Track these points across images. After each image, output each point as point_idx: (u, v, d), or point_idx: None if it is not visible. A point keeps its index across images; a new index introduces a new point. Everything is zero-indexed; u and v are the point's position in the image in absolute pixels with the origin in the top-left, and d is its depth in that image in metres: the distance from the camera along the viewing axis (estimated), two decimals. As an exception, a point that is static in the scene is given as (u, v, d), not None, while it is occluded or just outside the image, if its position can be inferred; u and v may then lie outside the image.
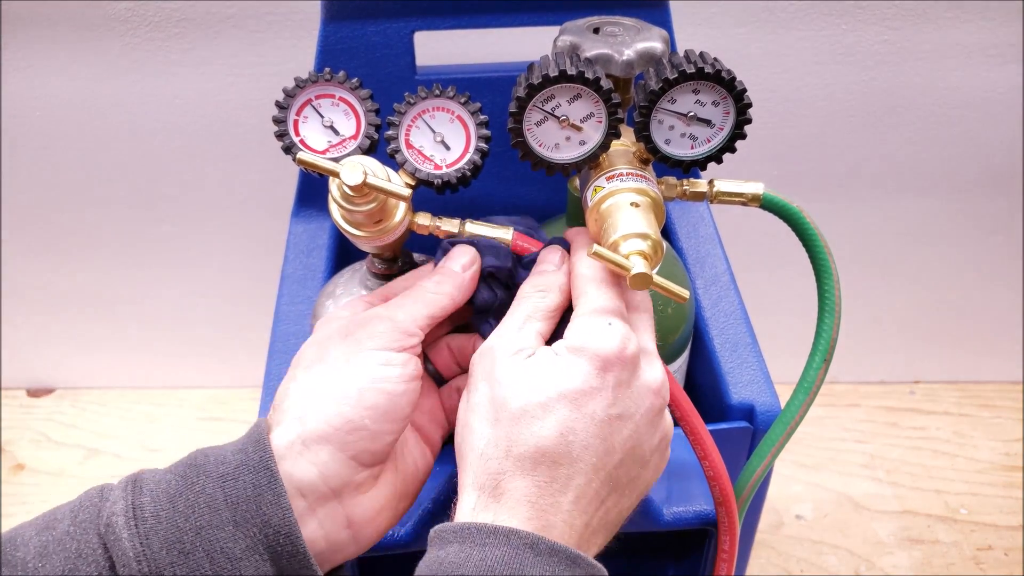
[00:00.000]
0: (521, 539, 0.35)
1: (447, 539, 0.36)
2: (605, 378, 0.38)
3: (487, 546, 0.35)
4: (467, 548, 0.35)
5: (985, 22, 0.81)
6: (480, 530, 0.36)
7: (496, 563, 0.34)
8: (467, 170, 0.45)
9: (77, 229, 0.94)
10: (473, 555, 0.35)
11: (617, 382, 0.38)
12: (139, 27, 0.80)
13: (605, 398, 0.38)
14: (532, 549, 0.35)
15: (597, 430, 0.38)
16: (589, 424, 0.37)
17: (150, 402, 1.07)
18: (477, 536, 0.36)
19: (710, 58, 0.42)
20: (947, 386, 1.08)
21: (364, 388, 0.39)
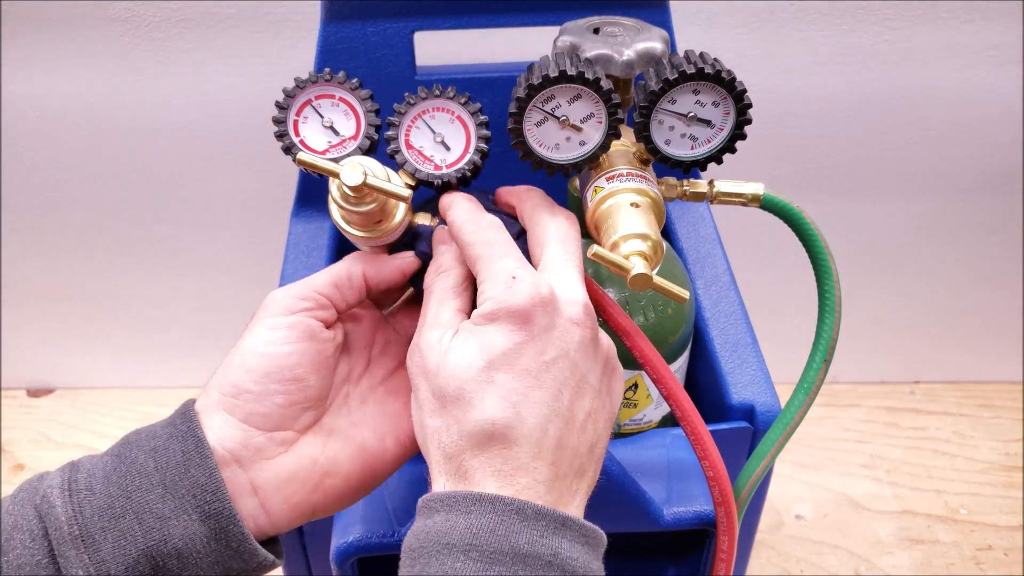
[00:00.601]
0: (507, 505, 0.35)
1: (434, 508, 0.36)
2: (529, 330, 0.37)
3: (472, 513, 0.35)
4: (453, 516, 0.35)
5: (985, 22, 0.81)
6: (466, 497, 0.36)
7: (482, 530, 0.35)
8: (467, 170, 0.45)
9: (77, 229, 0.94)
10: (459, 523, 0.35)
11: (541, 330, 0.38)
12: (139, 27, 0.80)
13: (533, 348, 0.37)
14: (518, 514, 0.35)
15: (535, 381, 0.37)
16: (525, 379, 0.37)
17: (150, 402, 1.07)
18: (463, 503, 0.36)
19: (710, 58, 0.42)
20: (947, 386, 1.08)
21: (246, 353, 0.41)
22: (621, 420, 0.55)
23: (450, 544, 0.35)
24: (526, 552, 0.34)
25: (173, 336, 1.04)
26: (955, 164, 0.90)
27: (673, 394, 0.44)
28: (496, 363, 0.37)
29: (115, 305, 1.01)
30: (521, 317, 0.37)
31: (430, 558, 0.35)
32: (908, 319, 1.03)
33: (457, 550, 0.34)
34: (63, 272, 0.98)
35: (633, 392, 0.54)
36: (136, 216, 0.93)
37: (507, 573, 0.34)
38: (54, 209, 0.92)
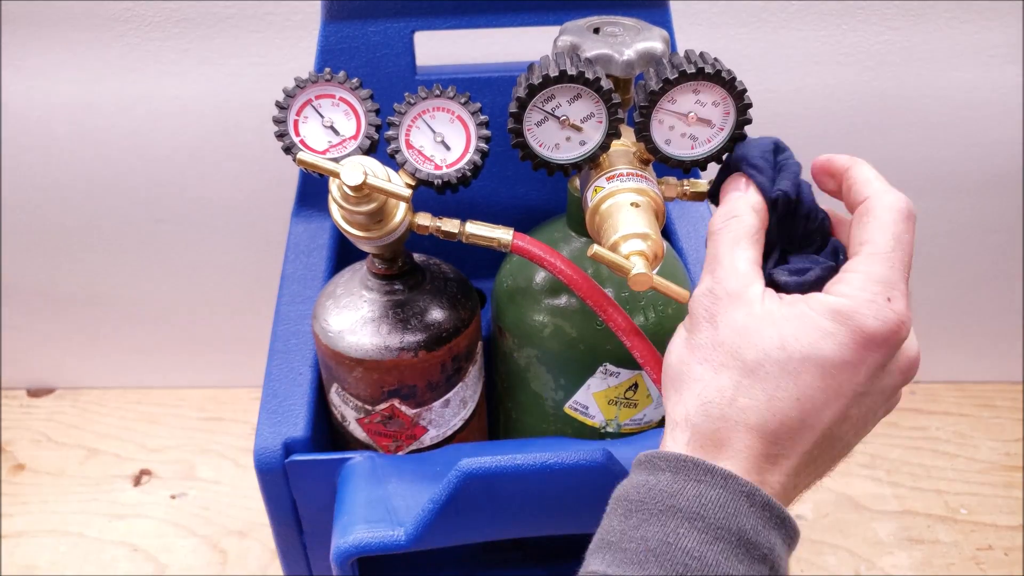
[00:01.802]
0: (739, 486, 0.34)
1: (659, 466, 0.35)
2: (864, 357, 0.34)
3: (703, 483, 0.34)
4: (680, 480, 0.34)
5: (985, 22, 0.81)
6: (697, 465, 0.34)
7: (711, 503, 0.33)
8: (467, 170, 0.45)
9: (77, 229, 0.94)
10: (687, 489, 0.34)
11: (875, 363, 0.34)
12: (139, 27, 0.80)
13: (858, 375, 0.34)
14: (748, 498, 0.34)
15: (838, 403, 0.35)
16: (831, 398, 0.34)
17: (150, 402, 1.07)
18: (693, 471, 0.34)
19: (710, 58, 0.42)
20: (947, 386, 1.08)
21: None
22: (621, 420, 0.55)
23: (676, 507, 0.33)
24: (749, 538, 0.33)
25: (173, 336, 1.04)
26: (955, 164, 0.90)
27: (673, 394, 0.44)
28: (812, 365, 0.34)
29: (115, 305, 1.01)
30: (869, 343, 0.34)
31: (651, 515, 0.34)
32: (908, 319, 1.03)
33: (683, 515, 0.33)
34: (63, 272, 0.98)
35: (633, 392, 0.54)
36: (136, 216, 0.93)
37: (727, 554, 0.33)
38: (54, 209, 0.92)
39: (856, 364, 0.34)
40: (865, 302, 0.34)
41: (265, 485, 0.53)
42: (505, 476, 0.48)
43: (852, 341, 0.34)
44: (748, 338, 0.35)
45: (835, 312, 0.34)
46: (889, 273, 0.35)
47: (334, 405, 0.56)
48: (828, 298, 0.35)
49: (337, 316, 0.52)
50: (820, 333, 0.34)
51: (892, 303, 0.34)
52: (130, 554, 0.91)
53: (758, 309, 0.35)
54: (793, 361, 0.34)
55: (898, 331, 0.34)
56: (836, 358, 0.34)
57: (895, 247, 0.35)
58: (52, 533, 0.93)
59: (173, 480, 0.98)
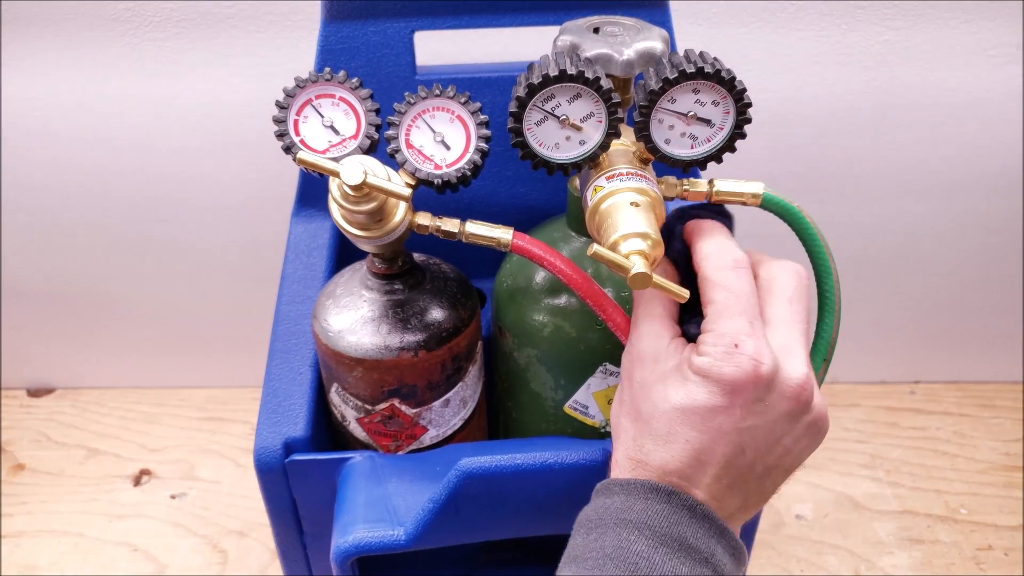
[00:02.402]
0: (681, 500, 0.39)
1: (613, 490, 0.40)
2: (734, 400, 0.38)
3: (649, 499, 0.39)
4: (631, 499, 0.39)
5: (985, 22, 0.81)
6: (644, 485, 0.40)
7: (656, 514, 0.38)
8: (467, 170, 0.45)
9: (77, 229, 0.94)
10: (636, 504, 0.39)
11: (746, 401, 0.39)
12: (139, 27, 0.80)
13: (733, 416, 0.39)
14: (689, 511, 0.39)
15: (724, 438, 0.39)
16: (717, 437, 0.39)
17: (150, 402, 1.07)
18: (641, 490, 0.39)
19: (710, 58, 0.42)
20: (947, 386, 1.08)
21: None
22: (621, 420, 0.56)
23: (627, 520, 0.39)
24: (691, 544, 0.38)
25: (173, 336, 1.04)
26: (955, 164, 0.90)
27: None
28: (690, 414, 0.39)
29: (115, 305, 1.01)
30: (731, 388, 0.38)
31: (607, 529, 0.39)
32: (908, 319, 1.03)
33: (633, 526, 0.38)
34: (63, 272, 0.98)
35: (633, 392, 0.54)
36: (136, 216, 0.93)
37: (671, 556, 0.38)
38: (54, 209, 0.92)
39: (728, 407, 0.39)
40: (720, 355, 0.38)
41: (265, 485, 0.53)
42: (505, 476, 0.48)
43: (720, 391, 0.39)
44: (645, 394, 0.41)
45: (700, 370, 0.39)
46: (730, 323, 0.39)
47: (334, 405, 0.56)
48: (695, 358, 0.39)
49: (337, 316, 0.52)
50: (694, 387, 0.39)
51: (740, 347, 0.38)
52: (130, 554, 0.91)
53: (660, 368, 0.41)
54: (676, 412, 0.39)
55: (755, 371, 0.38)
56: (709, 406, 0.39)
57: (728, 298, 0.40)
58: (52, 533, 0.93)
59: (173, 480, 0.98)
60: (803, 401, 0.40)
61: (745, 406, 0.39)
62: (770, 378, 0.38)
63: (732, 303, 0.40)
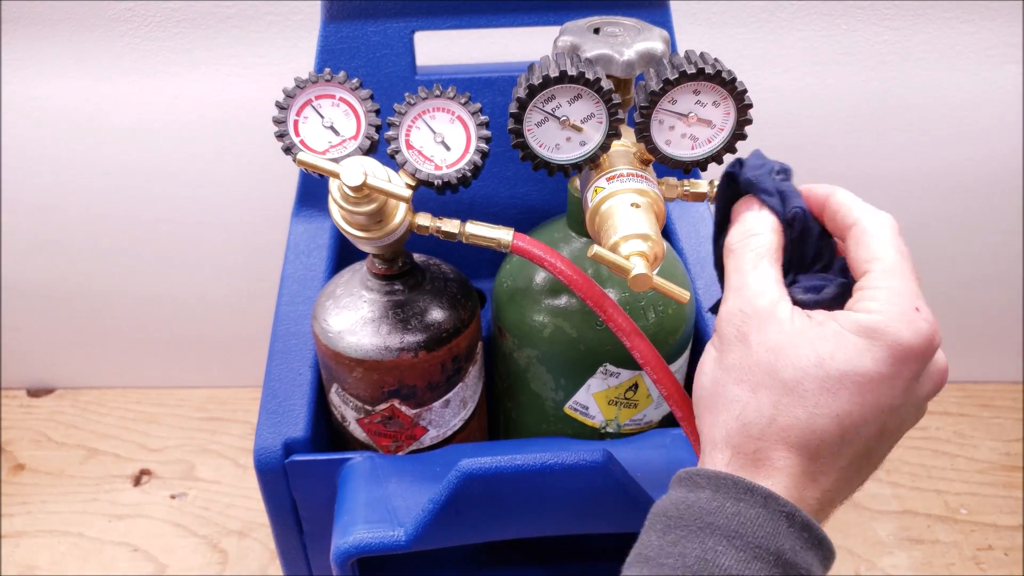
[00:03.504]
0: (779, 506, 0.34)
1: (699, 483, 0.35)
2: (901, 370, 0.34)
3: (742, 502, 0.34)
4: (720, 497, 0.34)
5: (985, 22, 0.81)
6: (737, 484, 0.34)
7: (750, 522, 0.33)
8: (467, 170, 0.45)
9: (77, 229, 0.94)
10: (727, 506, 0.34)
11: (911, 375, 0.35)
12: (139, 27, 0.80)
13: (895, 388, 0.35)
14: (788, 519, 0.34)
15: (876, 418, 0.35)
16: (870, 413, 0.35)
17: (150, 402, 1.07)
18: (733, 489, 0.34)
19: (711, 58, 0.42)
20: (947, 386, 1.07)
21: None
22: (621, 420, 0.55)
23: (714, 525, 0.34)
24: (788, 559, 0.33)
25: (173, 336, 1.04)
26: (955, 164, 0.90)
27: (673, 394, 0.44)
28: (850, 382, 0.34)
29: (115, 305, 1.01)
30: (903, 356, 0.34)
31: (689, 532, 0.34)
32: (908, 319, 1.03)
33: (721, 533, 0.33)
34: (63, 272, 0.98)
35: (633, 392, 0.54)
36: (136, 216, 0.93)
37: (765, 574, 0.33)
38: (54, 209, 0.92)
39: (893, 378, 0.34)
40: (897, 315, 0.34)
41: (265, 485, 0.53)
42: (505, 476, 0.48)
43: (890, 356, 0.34)
44: (784, 357, 0.35)
45: (869, 329, 0.34)
46: (910, 285, 0.35)
47: (334, 405, 0.56)
48: (859, 315, 0.35)
49: (337, 316, 0.52)
50: (856, 350, 0.34)
51: (921, 312, 0.34)
52: (130, 554, 0.91)
53: (789, 327, 0.35)
54: (831, 379, 0.34)
55: (932, 340, 0.35)
56: (874, 373, 0.34)
57: (899, 259, 0.36)
58: (52, 533, 0.93)
59: (173, 480, 0.98)
60: (940, 385, 0.38)
61: (907, 381, 0.35)
62: (935, 351, 0.35)
63: (904, 265, 0.36)
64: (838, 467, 0.36)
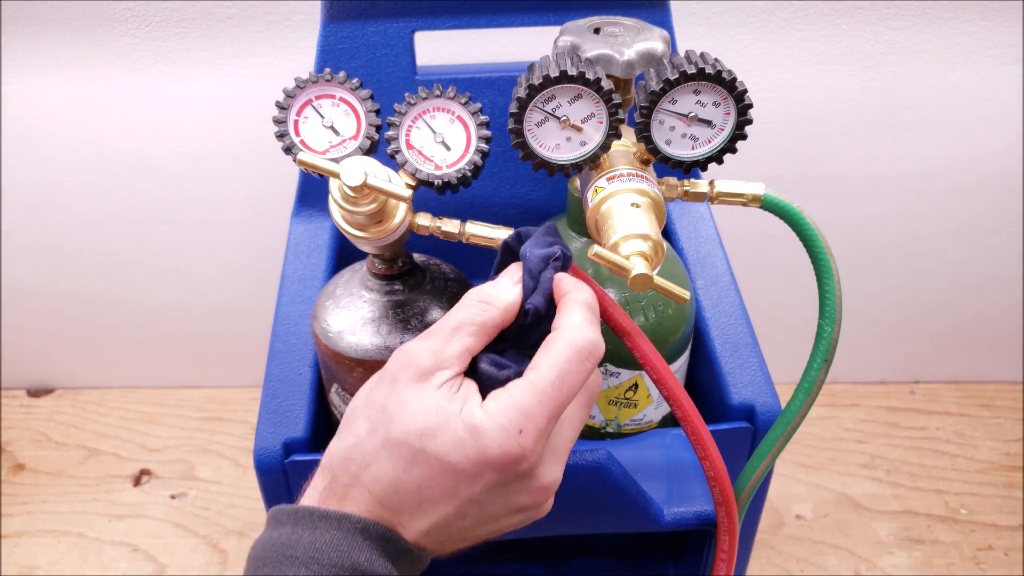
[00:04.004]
0: (353, 523, 0.36)
1: (281, 520, 0.37)
2: (481, 472, 0.36)
3: (319, 529, 0.36)
4: (299, 530, 0.36)
5: (985, 22, 0.81)
6: (313, 514, 0.37)
7: (326, 545, 0.36)
8: (467, 170, 0.45)
9: (77, 229, 0.94)
10: (304, 536, 0.36)
11: (493, 482, 0.37)
12: (139, 27, 0.80)
13: (474, 487, 0.37)
14: (363, 533, 0.36)
15: (454, 502, 0.37)
16: (448, 494, 0.37)
17: (150, 402, 1.07)
18: (310, 519, 0.37)
19: (711, 58, 0.42)
20: (947, 386, 1.08)
21: None
22: (621, 420, 0.55)
23: (293, 556, 0.36)
24: (365, 570, 0.36)
25: (173, 336, 1.04)
26: (955, 164, 0.90)
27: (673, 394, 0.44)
28: (438, 464, 0.36)
29: (115, 305, 1.01)
30: (487, 463, 0.36)
31: (272, 568, 0.36)
32: (908, 319, 1.03)
33: (300, 562, 0.35)
34: (63, 272, 0.98)
35: (633, 392, 0.54)
36: (136, 216, 0.93)
37: None
38: (54, 209, 0.92)
39: (473, 476, 0.36)
40: (498, 428, 0.36)
41: (265, 485, 0.53)
42: (505, 476, 0.48)
43: (475, 456, 0.36)
44: (403, 416, 0.37)
45: (471, 427, 0.36)
46: (534, 407, 0.36)
47: (334, 405, 0.56)
48: (475, 411, 0.36)
49: (337, 316, 0.52)
50: (455, 440, 0.36)
51: (522, 436, 0.36)
52: (130, 554, 0.91)
53: (429, 394, 0.37)
54: (424, 454, 0.36)
55: (517, 463, 0.36)
56: (458, 467, 0.36)
57: (554, 384, 0.36)
58: (52, 533, 0.93)
59: (173, 480, 0.98)
60: (539, 502, 0.39)
61: (489, 485, 0.37)
62: (525, 474, 0.37)
63: (551, 390, 0.36)
64: (417, 528, 0.38)
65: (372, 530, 0.36)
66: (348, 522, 0.36)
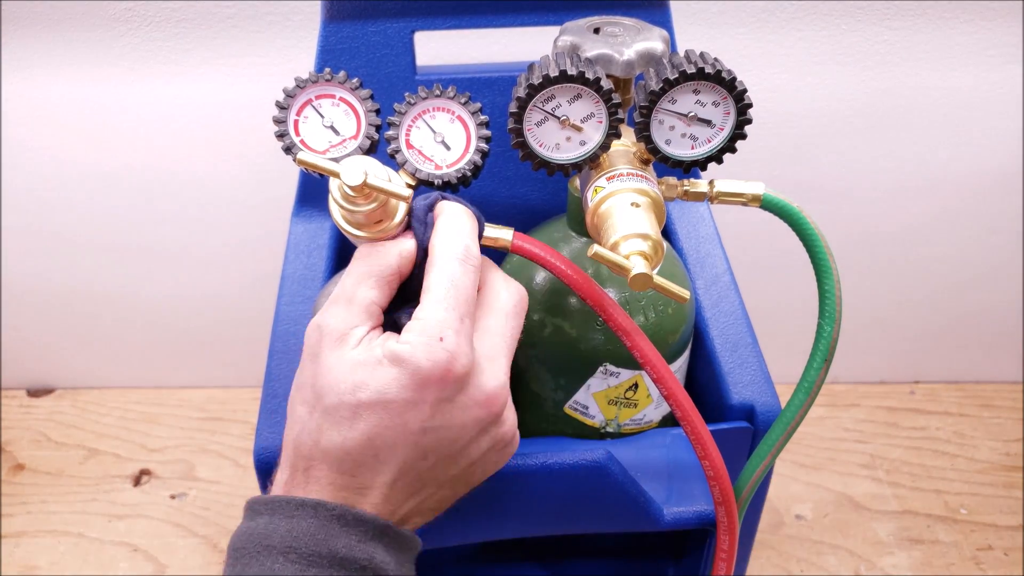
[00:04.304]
0: (328, 511, 0.37)
1: (258, 511, 0.38)
2: (423, 394, 0.37)
3: (295, 518, 0.37)
4: (276, 520, 0.37)
5: (985, 22, 0.81)
6: (289, 503, 0.37)
7: (303, 533, 0.36)
8: (467, 170, 0.45)
9: (77, 229, 0.94)
10: (281, 525, 0.36)
11: (437, 399, 0.37)
12: (139, 27, 0.80)
13: (422, 412, 0.37)
14: (339, 520, 0.37)
15: (408, 439, 0.37)
16: (400, 433, 0.37)
17: (150, 402, 1.07)
18: (286, 508, 0.37)
19: (710, 58, 0.42)
20: (947, 386, 1.08)
21: None
22: (621, 420, 0.55)
23: (271, 546, 0.36)
24: (343, 556, 0.36)
25: (173, 336, 1.04)
26: (955, 164, 0.90)
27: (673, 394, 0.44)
28: (378, 407, 0.37)
29: (115, 305, 1.01)
30: (422, 382, 0.37)
31: (250, 559, 0.36)
32: (908, 319, 1.03)
33: (276, 551, 0.36)
34: (63, 272, 0.98)
35: (633, 392, 0.54)
36: (136, 216, 0.93)
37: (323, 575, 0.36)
38: (54, 209, 0.92)
39: (417, 402, 0.37)
40: (421, 345, 0.36)
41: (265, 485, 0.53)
42: (505, 476, 0.48)
43: (410, 381, 0.36)
44: (331, 383, 0.37)
45: (395, 357, 0.37)
46: (443, 315, 0.37)
47: (334, 405, 0.56)
48: (393, 344, 0.37)
49: (337, 316, 0.52)
50: (386, 378, 0.37)
51: (444, 342, 0.37)
52: (130, 554, 0.91)
53: (349, 354, 0.38)
54: (362, 406, 0.37)
55: (450, 367, 0.37)
56: (398, 399, 0.37)
57: (449, 289, 0.38)
58: (52, 533, 0.93)
59: (173, 480, 0.98)
60: (493, 412, 0.39)
61: (433, 404, 0.37)
62: (463, 378, 0.37)
63: (449, 295, 0.38)
64: (383, 481, 0.38)
65: (348, 516, 0.37)
66: (324, 509, 0.37)
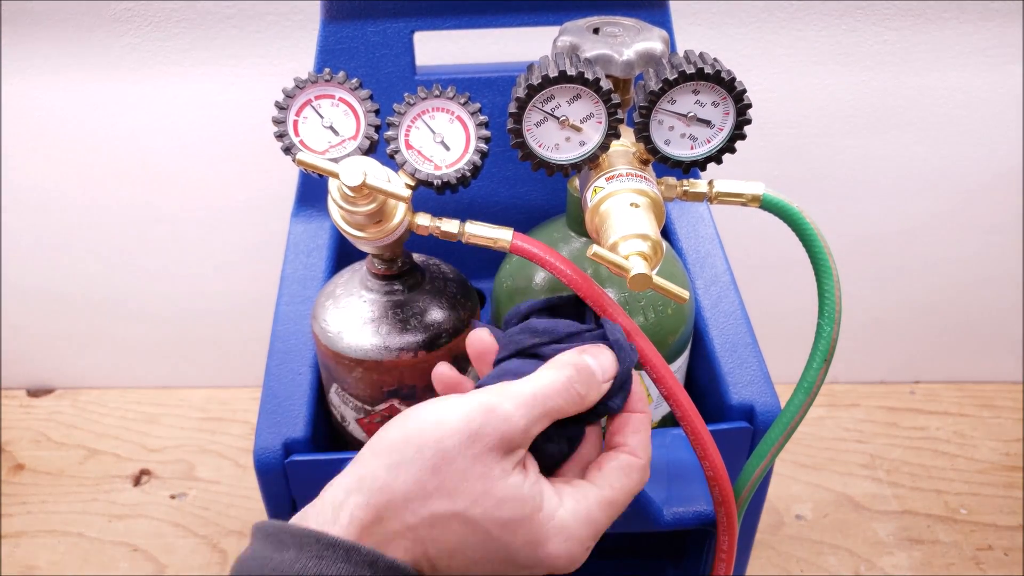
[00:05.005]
0: (362, 556, 0.34)
1: (285, 543, 0.35)
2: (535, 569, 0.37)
3: (325, 559, 0.34)
4: (304, 557, 0.34)
5: (985, 22, 0.81)
6: (320, 541, 0.34)
7: None
8: (467, 171, 0.45)
9: (77, 229, 0.94)
10: (309, 566, 0.34)
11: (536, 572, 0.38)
12: (139, 27, 0.80)
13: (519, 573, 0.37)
14: (371, 567, 0.34)
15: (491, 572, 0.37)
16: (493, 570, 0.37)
17: (150, 402, 1.07)
18: (316, 547, 0.34)
19: (710, 58, 0.42)
20: (947, 386, 1.08)
21: None
22: (621, 420, 0.55)
23: None
24: None
25: (173, 336, 1.04)
26: (955, 164, 0.90)
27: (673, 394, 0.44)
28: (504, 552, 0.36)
29: (115, 305, 1.01)
30: (548, 566, 0.37)
31: None
32: (908, 319, 1.03)
33: None
34: (63, 272, 0.98)
35: (633, 392, 0.54)
36: (136, 216, 0.93)
37: None
38: (54, 209, 0.92)
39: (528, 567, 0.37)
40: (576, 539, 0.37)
41: (265, 485, 0.53)
42: (505, 476, 0.48)
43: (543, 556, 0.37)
44: (486, 496, 0.36)
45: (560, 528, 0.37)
46: (603, 522, 0.38)
47: (334, 405, 0.56)
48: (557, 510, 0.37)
49: (337, 316, 0.52)
50: (532, 539, 0.36)
51: (587, 550, 0.38)
52: (130, 554, 0.91)
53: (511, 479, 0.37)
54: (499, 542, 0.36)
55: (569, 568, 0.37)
56: (521, 556, 0.37)
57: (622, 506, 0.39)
58: (52, 533, 0.93)
59: (173, 480, 0.98)
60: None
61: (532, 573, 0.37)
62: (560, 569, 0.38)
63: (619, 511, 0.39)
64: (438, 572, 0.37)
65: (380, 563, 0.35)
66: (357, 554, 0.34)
